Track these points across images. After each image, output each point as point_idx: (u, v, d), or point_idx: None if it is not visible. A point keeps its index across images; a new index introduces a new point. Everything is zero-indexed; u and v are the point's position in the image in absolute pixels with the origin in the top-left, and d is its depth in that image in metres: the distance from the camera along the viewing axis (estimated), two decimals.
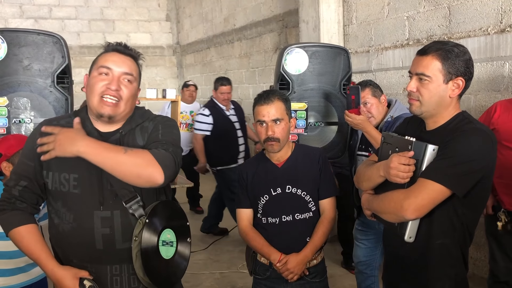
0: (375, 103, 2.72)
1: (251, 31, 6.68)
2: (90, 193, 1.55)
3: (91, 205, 1.56)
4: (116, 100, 1.56)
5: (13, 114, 2.39)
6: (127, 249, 1.57)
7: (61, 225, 1.58)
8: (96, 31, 9.00)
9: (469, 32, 3.32)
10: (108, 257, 1.58)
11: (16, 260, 2.21)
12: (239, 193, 2.21)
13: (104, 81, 1.55)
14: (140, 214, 1.58)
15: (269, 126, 2.05)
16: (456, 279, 1.59)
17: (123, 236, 1.57)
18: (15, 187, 1.58)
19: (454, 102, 1.59)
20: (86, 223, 1.56)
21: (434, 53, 1.54)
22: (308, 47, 2.76)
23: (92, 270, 1.58)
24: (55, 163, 1.55)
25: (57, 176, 1.56)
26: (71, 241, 1.58)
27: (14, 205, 1.57)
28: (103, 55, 1.62)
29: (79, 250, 1.58)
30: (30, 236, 1.57)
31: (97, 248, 1.56)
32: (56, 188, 1.57)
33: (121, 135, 1.61)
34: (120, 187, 1.55)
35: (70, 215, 1.57)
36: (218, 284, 3.91)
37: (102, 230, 1.56)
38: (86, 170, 1.54)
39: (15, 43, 2.36)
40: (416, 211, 1.49)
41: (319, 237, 2.12)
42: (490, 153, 1.51)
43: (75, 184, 1.55)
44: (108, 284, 1.60)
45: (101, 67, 1.56)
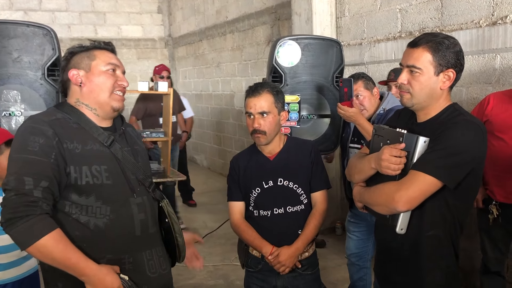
0: (368, 95, 2.72)
1: (244, 23, 6.64)
2: (121, 183, 1.58)
3: (126, 193, 1.59)
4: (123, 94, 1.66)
5: (3, 107, 2.36)
6: (155, 232, 1.69)
7: (93, 222, 1.52)
8: (87, 23, 8.91)
9: (461, 25, 3.33)
10: (144, 242, 1.63)
11: (8, 254, 2.20)
12: (231, 186, 2.21)
13: (112, 78, 1.61)
14: (160, 197, 1.72)
15: (256, 118, 2.05)
16: (447, 270, 1.60)
17: (152, 219, 1.66)
18: (36, 189, 1.39)
19: (445, 94, 1.59)
20: (125, 211, 1.58)
21: (425, 45, 1.54)
22: (300, 39, 2.75)
23: (130, 260, 1.58)
24: (84, 156, 1.51)
25: (89, 169, 1.51)
26: (109, 235, 1.54)
27: (41, 208, 1.39)
28: (101, 52, 1.63)
29: (118, 242, 1.56)
30: (64, 239, 1.42)
31: (136, 235, 1.60)
32: (88, 182, 1.50)
33: (124, 131, 1.70)
34: (142, 175, 1.64)
35: (106, 208, 1.53)
36: (211, 276, 3.92)
37: (139, 216, 1.61)
38: (110, 162, 1.57)
39: (4, 35, 2.33)
40: (408, 203, 1.50)
41: (311, 230, 2.13)
42: (481, 144, 1.51)
43: (107, 176, 1.54)
44: (146, 270, 1.63)
45: (110, 63, 1.61)
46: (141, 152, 1.75)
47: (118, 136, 1.65)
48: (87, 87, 1.59)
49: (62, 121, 1.54)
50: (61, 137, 1.49)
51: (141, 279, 1.60)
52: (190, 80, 9.00)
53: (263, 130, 2.05)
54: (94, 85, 1.58)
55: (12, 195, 1.39)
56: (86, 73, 1.58)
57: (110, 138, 1.59)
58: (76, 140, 1.52)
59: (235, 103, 7.08)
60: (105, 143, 1.58)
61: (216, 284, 3.78)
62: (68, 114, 1.57)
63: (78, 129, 1.55)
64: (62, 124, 1.53)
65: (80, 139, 1.53)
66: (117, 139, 1.63)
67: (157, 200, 1.73)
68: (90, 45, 1.63)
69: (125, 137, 1.69)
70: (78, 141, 1.52)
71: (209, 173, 8.04)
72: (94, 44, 1.63)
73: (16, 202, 1.38)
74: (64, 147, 1.48)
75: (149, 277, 1.63)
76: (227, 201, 2.22)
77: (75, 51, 1.62)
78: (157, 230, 1.71)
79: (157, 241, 1.71)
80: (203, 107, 8.31)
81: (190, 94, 9.08)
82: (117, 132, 1.66)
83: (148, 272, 1.63)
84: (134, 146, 1.71)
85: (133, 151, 1.68)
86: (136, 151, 1.71)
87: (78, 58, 1.61)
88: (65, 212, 1.50)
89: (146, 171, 1.72)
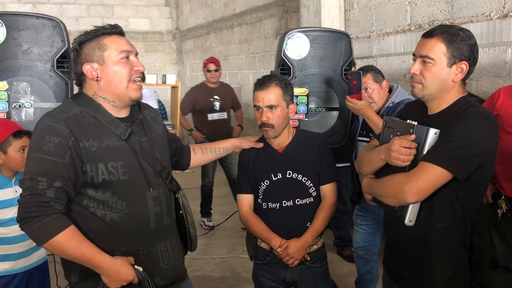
0: (377, 88, 2.71)
1: (251, 16, 6.62)
2: (137, 177, 1.59)
3: (142, 187, 1.60)
4: (140, 80, 1.63)
5: (13, 99, 2.36)
6: (170, 224, 1.71)
7: (109, 216, 1.55)
8: (94, 16, 8.93)
9: (471, 17, 3.29)
10: (158, 234, 1.65)
11: (18, 244, 2.23)
12: (239, 178, 2.21)
13: (127, 65, 1.58)
14: (176, 188, 1.74)
15: (264, 112, 2.04)
16: (457, 263, 1.59)
17: (167, 211, 1.68)
18: (49, 189, 1.44)
19: (457, 86, 1.58)
20: (140, 206, 1.60)
21: (440, 36, 1.53)
22: (309, 31, 2.73)
23: (144, 252, 1.61)
24: (100, 154, 1.52)
25: (105, 166, 1.53)
26: (124, 229, 1.57)
27: (53, 208, 1.44)
28: (110, 39, 1.58)
29: (133, 235, 1.59)
30: (77, 236, 1.47)
31: (151, 228, 1.62)
32: (104, 179, 1.52)
33: (141, 119, 1.69)
34: (159, 167, 1.65)
35: (122, 202, 1.56)
36: (218, 269, 3.94)
37: (154, 209, 1.63)
38: (128, 156, 1.58)
39: (14, 27, 2.33)
40: (417, 195, 1.49)
41: (320, 223, 2.12)
42: (492, 137, 1.50)
43: (123, 171, 1.55)
44: (160, 261, 1.65)
45: (122, 51, 1.57)
46: (158, 140, 1.74)
47: (136, 126, 1.65)
48: (104, 80, 1.57)
49: (78, 117, 1.54)
50: (77, 136, 1.50)
51: (154, 270, 1.63)
52: (198, 73, 9.00)
53: (271, 123, 2.04)
54: (111, 77, 1.57)
55: (27, 195, 1.44)
56: (100, 66, 1.57)
57: (127, 131, 1.59)
58: (92, 137, 1.53)
59: (242, 96, 7.07)
60: (123, 136, 1.58)
61: (223, 276, 3.79)
62: (85, 107, 1.57)
63: (95, 124, 1.55)
64: (79, 120, 1.53)
65: (96, 136, 1.54)
66: (135, 129, 1.63)
67: (173, 191, 1.74)
68: (97, 31, 1.58)
69: (143, 126, 1.68)
70: (95, 138, 1.53)
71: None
72: (101, 30, 1.58)
73: (30, 202, 1.43)
74: (81, 146, 1.50)
75: (162, 268, 1.65)
76: (236, 193, 2.23)
77: (83, 40, 1.58)
78: (172, 221, 1.73)
79: (172, 232, 1.73)
80: None
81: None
82: (134, 122, 1.65)
83: (162, 264, 1.65)
84: (151, 134, 1.71)
85: (150, 140, 1.68)
86: (154, 139, 1.71)
87: (89, 49, 1.57)
88: (82, 205, 1.54)
89: (164, 160, 1.72)
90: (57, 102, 2.41)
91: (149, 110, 1.81)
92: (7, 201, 2.19)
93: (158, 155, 1.68)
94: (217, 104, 4.87)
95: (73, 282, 1.60)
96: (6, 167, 2.21)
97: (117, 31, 1.61)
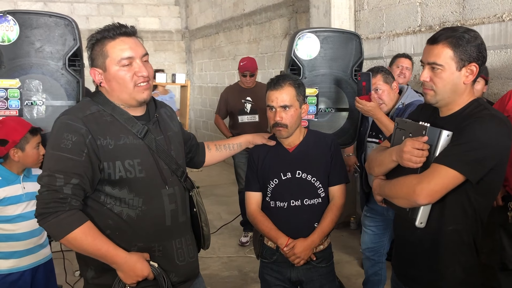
0: (387, 89, 2.70)
1: (261, 16, 6.62)
2: (153, 175, 1.61)
3: (158, 185, 1.62)
4: (148, 82, 1.60)
5: (25, 96, 2.38)
6: (185, 221, 1.72)
7: (126, 212, 1.57)
8: (105, 14, 8.97)
9: (483, 19, 3.27)
10: (174, 231, 1.67)
11: (25, 241, 2.25)
12: (248, 176, 2.22)
13: (130, 71, 1.56)
14: (190, 186, 1.75)
15: (277, 112, 2.05)
16: (467, 266, 1.59)
17: (182, 208, 1.70)
18: (66, 186, 1.46)
19: (468, 88, 1.57)
20: (157, 203, 1.61)
21: (445, 41, 1.52)
22: (319, 32, 2.72)
23: (160, 249, 1.63)
24: (117, 151, 1.54)
25: (122, 164, 1.54)
26: (140, 225, 1.59)
27: (70, 204, 1.47)
28: (112, 44, 1.55)
29: (149, 231, 1.61)
30: (93, 232, 1.50)
31: (166, 225, 1.64)
32: (121, 177, 1.54)
33: (157, 118, 1.70)
34: (174, 165, 1.67)
35: (138, 199, 1.58)
36: (226, 268, 3.95)
37: (170, 207, 1.64)
38: (144, 154, 1.59)
39: (27, 25, 2.35)
40: (429, 196, 1.49)
41: (327, 224, 2.12)
42: (505, 140, 1.49)
43: (140, 169, 1.57)
44: (175, 258, 1.67)
45: (122, 59, 1.54)
46: (174, 138, 1.75)
47: (152, 125, 1.66)
48: (108, 86, 1.59)
49: (96, 115, 1.55)
50: (94, 134, 1.51)
51: (169, 266, 1.64)
52: (206, 72, 9.02)
53: (285, 123, 2.05)
54: (114, 85, 1.57)
55: (44, 191, 1.47)
56: (104, 73, 1.57)
57: (144, 129, 1.60)
58: (109, 135, 1.54)
59: None
60: (139, 135, 1.59)
61: (230, 275, 3.80)
62: (103, 106, 1.59)
63: (112, 122, 1.57)
64: (97, 118, 1.55)
65: (113, 134, 1.55)
66: (151, 128, 1.64)
67: (188, 189, 1.75)
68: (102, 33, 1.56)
69: (159, 125, 1.69)
70: (112, 136, 1.54)
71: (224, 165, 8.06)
72: (105, 33, 1.55)
73: (47, 198, 1.46)
74: (98, 144, 1.51)
75: (177, 264, 1.67)
76: (244, 191, 2.23)
77: (94, 41, 1.58)
78: (187, 219, 1.75)
79: (187, 230, 1.75)
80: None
81: (206, 87, 9.11)
82: (151, 120, 1.66)
83: (177, 260, 1.67)
84: (167, 132, 1.72)
85: (166, 138, 1.69)
86: (169, 137, 1.72)
87: (95, 54, 1.58)
88: (99, 202, 1.57)
89: (179, 158, 1.73)
90: (69, 100, 2.43)
91: (165, 109, 1.82)
92: (15, 197, 2.22)
93: (173, 153, 1.69)
94: (248, 106, 4.56)
95: (89, 278, 1.61)
96: (21, 163, 2.23)
97: (122, 32, 1.56)
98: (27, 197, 2.23)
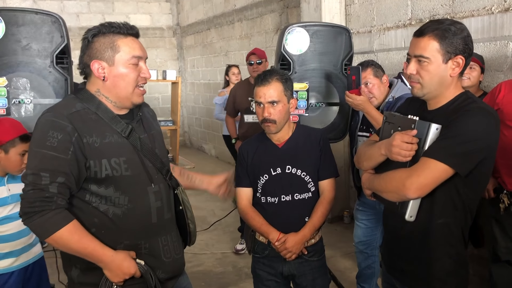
0: (377, 83, 2.70)
1: (252, 11, 6.60)
2: (139, 173, 1.60)
3: (143, 183, 1.61)
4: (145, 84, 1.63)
5: (13, 95, 2.36)
6: (170, 218, 1.72)
7: (112, 210, 1.56)
8: (95, 12, 8.91)
9: (472, 12, 3.27)
10: (160, 228, 1.66)
11: (14, 242, 2.22)
12: (239, 172, 2.21)
13: (136, 71, 1.58)
14: (175, 184, 1.75)
15: (266, 107, 2.05)
16: (457, 258, 1.59)
17: (167, 206, 1.69)
18: (52, 184, 1.44)
19: (455, 81, 1.57)
20: (142, 200, 1.61)
21: (431, 34, 1.52)
22: (309, 26, 2.72)
23: (146, 246, 1.62)
24: (103, 150, 1.53)
25: (108, 162, 1.53)
26: (126, 223, 1.58)
27: (56, 203, 1.45)
28: (125, 41, 1.55)
29: (135, 229, 1.60)
30: (79, 231, 1.48)
31: (152, 222, 1.63)
32: (108, 175, 1.53)
33: (141, 117, 1.69)
34: (158, 163, 1.66)
35: (124, 197, 1.57)
36: (220, 264, 3.95)
37: (156, 204, 1.64)
38: (129, 153, 1.58)
39: (13, 23, 2.32)
40: (419, 190, 1.49)
41: (318, 218, 2.13)
42: (493, 132, 1.49)
43: (126, 167, 1.56)
44: (162, 255, 1.67)
45: (133, 57, 1.56)
46: (157, 137, 1.75)
47: (136, 123, 1.65)
48: (110, 81, 1.56)
49: (81, 113, 1.54)
50: (80, 132, 1.49)
51: (156, 263, 1.64)
52: (198, 69, 8.99)
53: (273, 119, 2.05)
54: (117, 81, 1.56)
55: (29, 190, 1.45)
56: (109, 67, 1.55)
57: (128, 128, 1.59)
58: (95, 133, 1.53)
59: None
60: (123, 134, 1.58)
61: (224, 271, 3.80)
62: (87, 104, 1.57)
63: (96, 121, 1.55)
64: (82, 116, 1.53)
65: (98, 132, 1.54)
66: (135, 126, 1.64)
67: (173, 187, 1.75)
68: (113, 28, 1.54)
69: (142, 124, 1.69)
70: (97, 134, 1.53)
71: (218, 162, 8.06)
72: (117, 29, 1.54)
73: (32, 197, 1.44)
74: (84, 142, 1.50)
75: (164, 261, 1.67)
76: (235, 187, 2.23)
77: (96, 33, 1.54)
78: (172, 216, 1.74)
79: (172, 227, 1.74)
80: (211, 96, 8.30)
81: (198, 83, 9.08)
82: (134, 119, 1.66)
83: (163, 257, 1.67)
84: (151, 131, 1.72)
85: (150, 137, 1.69)
86: (153, 136, 1.72)
87: (101, 45, 1.54)
88: (85, 200, 1.55)
89: (163, 156, 1.73)
90: (57, 98, 2.41)
91: (148, 108, 1.82)
92: (1, 199, 2.18)
93: (157, 151, 1.69)
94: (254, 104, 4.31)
95: (74, 277, 1.60)
96: (2, 166, 2.19)
97: (134, 33, 1.59)
98: (13, 199, 2.18)
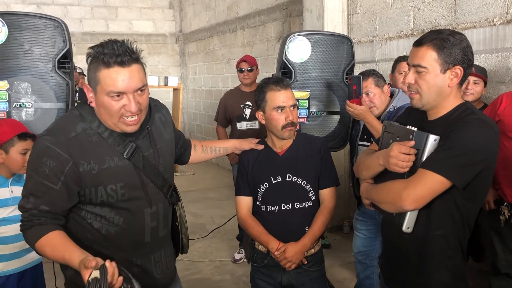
0: (378, 93, 2.69)
1: (254, 19, 6.63)
2: (137, 196, 1.59)
3: (141, 205, 1.61)
4: (137, 115, 1.52)
5: (14, 98, 2.36)
6: (166, 235, 1.73)
7: (105, 228, 1.56)
8: (98, 18, 8.95)
9: (474, 23, 3.28)
10: (153, 246, 1.67)
11: (11, 245, 2.22)
12: (239, 181, 2.20)
13: (119, 104, 1.47)
14: (175, 200, 1.75)
15: (289, 111, 2.04)
16: (454, 271, 1.58)
17: (163, 224, 1.69)
18: (35, 209, 1.48)
19: (454, 91, 1.56)
20: (138, 221, 1.61)
21: (429, 43, 1.52)
22: (311, 35, 2.72)
23: (138, 263, 1.63)
24: (100, 177, 1.51)
25: (104, 189, 1.52)
26: (119, 241, 1.58)
27: (40, 220, 1.49)
28: (106, 73, 1.43)
29: (127, 247, 1.61)
30: (51, 244, 1.46)
31: (145, 241, 1.64)
32: (103, 201, 1.53)
33: (148, 131, 1.64)
34: (160, 181, 1.64)
35: (119, 218, 1.57)
36: (218, 272, 3.92)
37: (151, 224, 1.64)
38: (129, 175, 1.57)
39: (15, 27, 2.33)
40: (415, 202, 1.48)
41: (318, 227, 2.11)
42: (492, 144, 1.48)
43: (122, 192, 1.55)
44: (154, 271, 1.67)
45: (112, 92, 1.44)
46: (164, 150, 1.70)
47: (142, 139, 1.61)
48: (97, 107, 1.53)
49: (81, 137, 1.50)
50: (76, 159, 1.48)
51: (148, 280, 1.64)
52: (200, 76, 9.01)
53: (295, 122, 2.06)
54: (101, 110, 1.51)
55: (21, 210, 1.54)
56: (94, 94, 1.50)
57: (131, 148, 1.56)
58: (93, 159, 1.50)
59: None
60: (126, 155, 1.55)
61: (222, 280, 3.78)
62: (90, 123, 1.54)
63: (97, 143, 1.52)
64: (81, 141, 1.50)
65: (97, 157, 1.51)
66: (141, 142, 1.60)
67: (173, 203, 1.75)
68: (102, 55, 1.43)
69: (149, 138, 1.64)
70: (96, 160, 1.51)
71: (218, 169, 8.05)
72: (102, 56, 1.43)
73: (22, 216, 1.54)
74: (80, 170, 1.49)
75: (155, 278, 1.68)
76: (235, 195, 2.22)
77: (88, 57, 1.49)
78: (167, 232, 1.75)
79: (166, 242, 1.75)
80: (213, 103, 8.31)
81: (200, 90, 9.09)
82: (141, 134, 1.61)
83: (155, 274, 1.68)
84: (158, 145, 1.67)
85: (155, 152, 1.65)
86: (159, 150, 1.67)
87: (90, 70, 1.49)
88: (80, 215, 1.57)
89: (167, 172, 1.70)
90: (58, 103, 2.41)
91: (161, 113, 1.76)
92: (2, 200, 2.19)
93: (161, 167, 1.66)
94: (247, 111, 4.12)
95: (68, 276, 1.62)
96: (6, 166, 2.20)
97: (119, 61, 1.42)
98: (14, 201, 2.19)
